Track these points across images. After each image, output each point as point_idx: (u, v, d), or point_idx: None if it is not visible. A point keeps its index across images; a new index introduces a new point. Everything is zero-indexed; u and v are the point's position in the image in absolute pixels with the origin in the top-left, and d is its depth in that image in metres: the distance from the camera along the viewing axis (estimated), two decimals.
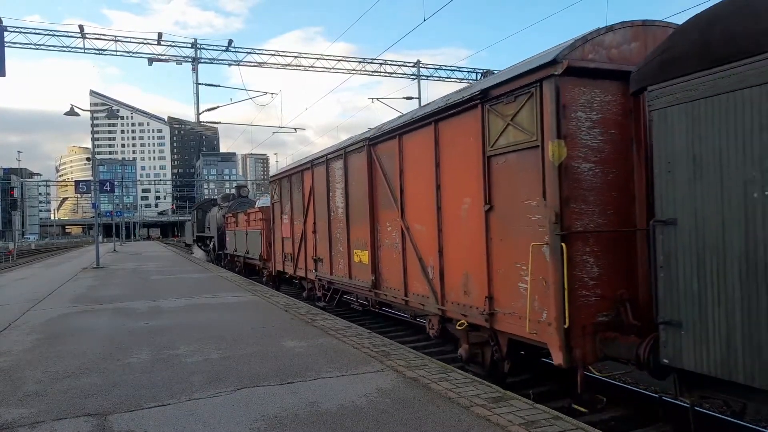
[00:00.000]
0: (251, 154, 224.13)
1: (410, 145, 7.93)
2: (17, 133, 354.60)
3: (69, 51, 25.77)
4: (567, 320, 4.98)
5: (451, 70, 31.85)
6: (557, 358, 5.12)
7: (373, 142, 9.04)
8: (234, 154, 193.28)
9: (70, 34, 25.46)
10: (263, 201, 20.23)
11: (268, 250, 17.71)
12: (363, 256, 9.63)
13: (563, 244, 5.00)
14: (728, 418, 5.52)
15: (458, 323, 6.76)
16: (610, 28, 5.42)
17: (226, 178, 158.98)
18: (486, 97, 6.07)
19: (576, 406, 6.14)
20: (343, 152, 10.27)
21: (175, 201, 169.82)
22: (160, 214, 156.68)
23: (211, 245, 29.51)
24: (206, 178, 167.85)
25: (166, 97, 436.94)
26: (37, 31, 25.04)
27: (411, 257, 7.96)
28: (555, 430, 4.23)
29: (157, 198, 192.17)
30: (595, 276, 5.20)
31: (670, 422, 5.66)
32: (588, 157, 5.21)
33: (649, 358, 4.60)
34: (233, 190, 32.87)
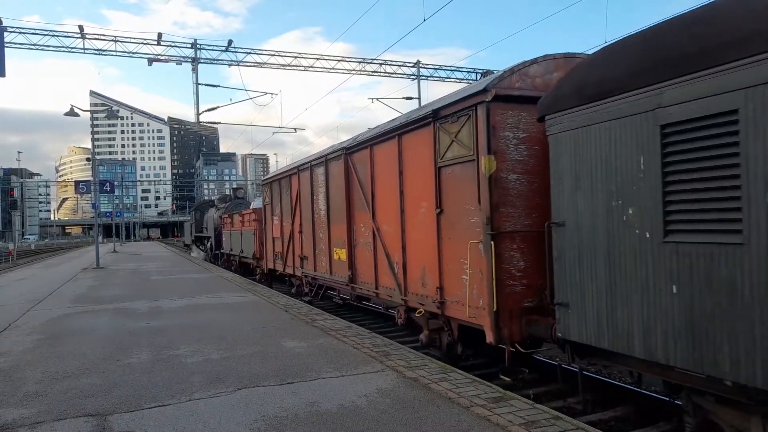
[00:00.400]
0: (251, 154, 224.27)
1: (379, 154, 8.84)
2: (17, 133, 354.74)
3: (69, 51, 25.80)
4: (496, 305, 5.91)
5: (451, 70, 31.86)
6: (489, 337, 6.05)
7: (349, 151, 9.92)
8: (234, 154, 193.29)
9: (69, 34, 25.49)
10: (257, 203, 20.85)
11: (260, 250, 18.53)
12: (341, 253, 10.58)
13: (493, 242, 5.94)
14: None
15: (417, 312, 7.74)
16: (534, 61, 6.38)
17: (226, 178, 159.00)
18: (437, 117, 6.99)
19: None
20: (324, 159, 11.22)
21: (175, 201, 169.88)
22: (160, 214, 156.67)
23: (208, 245, 30.50)
24: (206, 178, 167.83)
25: (165, 97, 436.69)
26: (37, 32, 25.07)
27: (380, 254, 8.84)
28: (555, 430, 4.23)
29: (157, 198, 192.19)
30: (521, 269, 6.08)
31: (670, 422, 5.67)
32: (515, 169, 6.13)
33: (555, 335, 5.45)
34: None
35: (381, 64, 30.44)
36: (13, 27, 24.44)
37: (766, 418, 3.89)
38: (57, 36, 25.25)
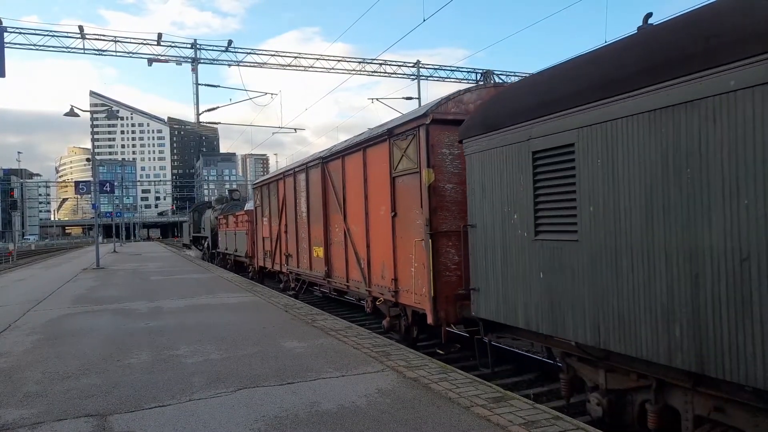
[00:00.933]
0: (251, 154, 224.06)
1: (349, 164, 10.11)
2: (15, 134, 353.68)
3: (69, 51, 25.79)
4: (434, 293, 7.15)
5: (451, 71, 31.80)
6: (429, 318, 7.30)
7: (325, 160, 11.23)
8: (234, 154, 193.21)
9: (69, 34, 25.48)
10: (250, 205, 21.57)
11: (252, 248, 19.78)
12: (319, 251, 11.87)
13: (431, 240, 7.18)
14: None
15: (378, 300, 9.04)
16: (467, 90, 7.66)
17: (226, 178, 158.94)
18: (391, 134, 8.27)
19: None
20: (305, 167, 12.53)
21: (175, 201, 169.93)
22: (160, 214, 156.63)
23: (205, 245, 31.91)
24: (206, 178, 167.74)
25: (164, 97, 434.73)
26: (37, 32, 25.05)
27: (350, 251, 10.09)
28: (555, 430, 4.23)
29: (157, 199, 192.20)
30: (456, 262, 7.21)
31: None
32: (450, 180, 7.31)
33: (472, 315, 6.69)
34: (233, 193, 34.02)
35: (381, 64, 30.41)
36: (13, 27, 24.45)
37: (609, 371, 5.06)
38: (57, 36, 25.25)
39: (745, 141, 3.56)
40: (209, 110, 30.18)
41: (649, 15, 5.36)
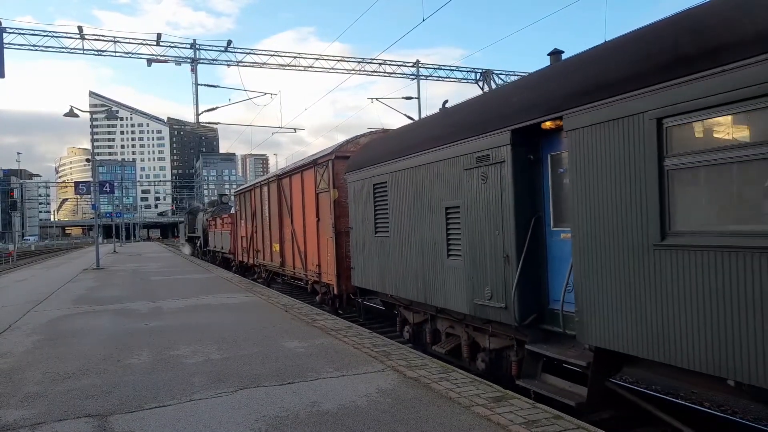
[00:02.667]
0: (251, 154, 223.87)
1: (294, 182, 14.07)
2: (11, 134, 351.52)
3: (68, 52, 25.74)
4: (337, 273, 11.10)
5: (450, 70, 31.75)
6: (335, 290, 11.25)
7: (280, 177, 15.41)
8: (234, 154, 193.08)
9: (68, 35, 25.44)
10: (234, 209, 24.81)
11: (234, 246, 23.51)
12: (276, 247, 15.83)
13: (335, 237, 11.06)
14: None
15: (311, 281, 13.06)
16: (363, 135, 11.53)
17: (226, 178, 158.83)
18: (315, 163, 12.23)
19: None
20: (267, 182, 16.80)
21: (175, 202, 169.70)
22: (160, 215, 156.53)
23: (198, 243, 36.67)
24: (206, 178, 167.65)
25: (162, 98, 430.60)
26: (36, 33, 25.00)
27: (295, 246, 14.02)
28: (556, 429, 4.23)
29: (157, 199, 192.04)
30: (349, 252, 10.54)
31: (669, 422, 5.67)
32: (347, 197, 10.43)
33: (356, 289, 10.39)
34: (232, 192, 35.69)
35: (380, 63, 30.38)
36: (12, 28, 24.41)
37: (414, 312, 8.65)
38: (56, 37, 25.22)
39: (423, 188, 7.61)
40: (209, 110, 30.14)
41: (446, 102, 8.60)
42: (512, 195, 5.82)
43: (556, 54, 6.30)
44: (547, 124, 5.43)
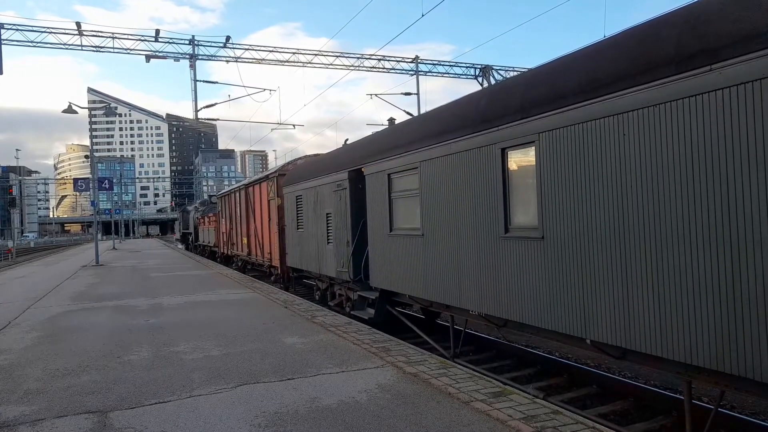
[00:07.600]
0: (250, 150, 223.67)
1: (255, 190, 18.81)
2: (2, 132, 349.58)
3: (66, 49, 25.67)
4: (279, 258, 15.67)
5: (450, 66, 31.72)
6: (279, 270, 15.98)
7: (247, 186, 20.14)
8: (233, 151, 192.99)
9: (67, 31, 25.36)
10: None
11: (218, 240, 28.17)
12: (245, 240, 20.63)
13: (278, 232, 15.61)
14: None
15: (267, 266, 17.32)
16: (300, 158, 16.56)
17: (225, 175, 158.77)
18: (268, 178, 16.77)
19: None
20: (239, 189, 21.82)
21: (174, 198, 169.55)
22: (159, 211, 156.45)
23: (190, 239, 42.18)
24: (205, 175, 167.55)
25: (159, 95, 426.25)
26: (34, 29, 24.93)
27: (257, 239, 18.47)
28: (555, 424, 4.24)
29: (156, 195, 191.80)
30: (289, 243, 14.80)
31: (669, 416, 5.69)
32: (285, 203, 15.06)
33: (289, 268, 15.19)
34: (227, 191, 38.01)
35: (380, 59, 30.33)
36: (10, 24, 24.33)
37: (320, 281, 12.80)
38: (55, 33, 25.13)
39: (317, 201, 12.14)
40: (207, 107, 30.05)
41: (392, 119, 11.69)
42: (350, 207, 10.28)
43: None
44: (363, 170, 9.70)
